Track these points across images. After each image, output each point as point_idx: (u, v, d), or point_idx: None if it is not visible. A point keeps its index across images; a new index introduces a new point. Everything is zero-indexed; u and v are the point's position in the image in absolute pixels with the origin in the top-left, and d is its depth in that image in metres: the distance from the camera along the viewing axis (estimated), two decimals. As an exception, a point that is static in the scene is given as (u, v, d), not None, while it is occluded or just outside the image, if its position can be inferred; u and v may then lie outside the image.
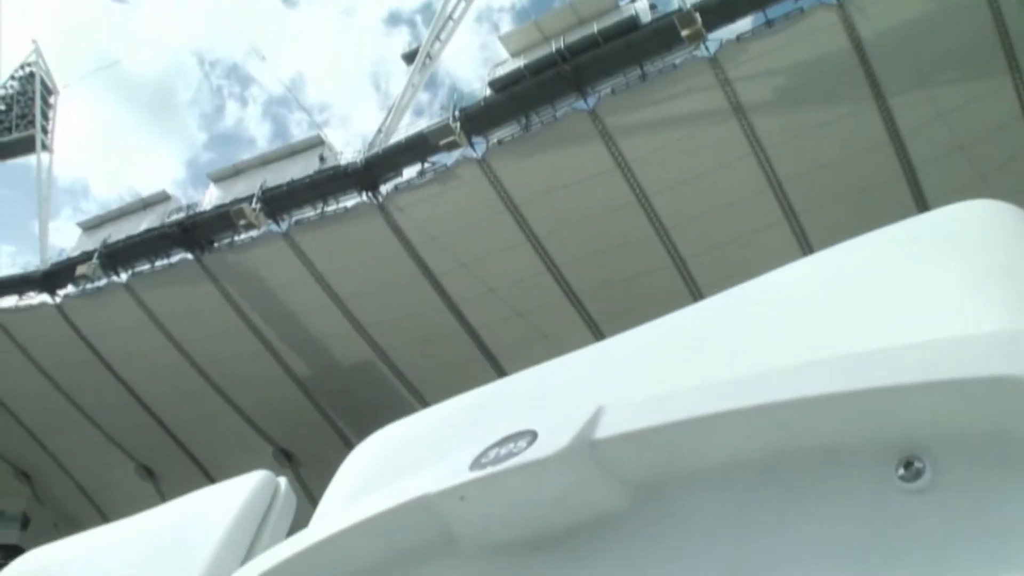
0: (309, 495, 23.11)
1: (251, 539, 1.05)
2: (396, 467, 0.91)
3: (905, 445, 0.55)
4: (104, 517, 25.96)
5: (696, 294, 17.81)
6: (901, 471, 0.55)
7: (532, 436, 0.58)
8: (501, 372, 20.16)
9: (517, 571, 0.64)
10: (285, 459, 23.01)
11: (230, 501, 1.11)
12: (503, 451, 0.59)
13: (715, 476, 0.59)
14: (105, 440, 24.09)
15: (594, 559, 0.62)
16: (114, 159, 67.81)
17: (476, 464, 0.59)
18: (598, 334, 19.04)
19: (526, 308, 19.38)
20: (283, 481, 1.14)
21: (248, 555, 1.02)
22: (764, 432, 0.55)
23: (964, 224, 0.80)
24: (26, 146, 24.20)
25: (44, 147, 24.09)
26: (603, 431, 0.58)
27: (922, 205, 15.64)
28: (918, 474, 0.55)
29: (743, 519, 0.58)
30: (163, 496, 24.59)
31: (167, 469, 24.25)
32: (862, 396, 0.53)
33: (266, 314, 20.88)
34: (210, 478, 23.91)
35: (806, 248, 16.80)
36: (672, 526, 0.61)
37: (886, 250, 0.85)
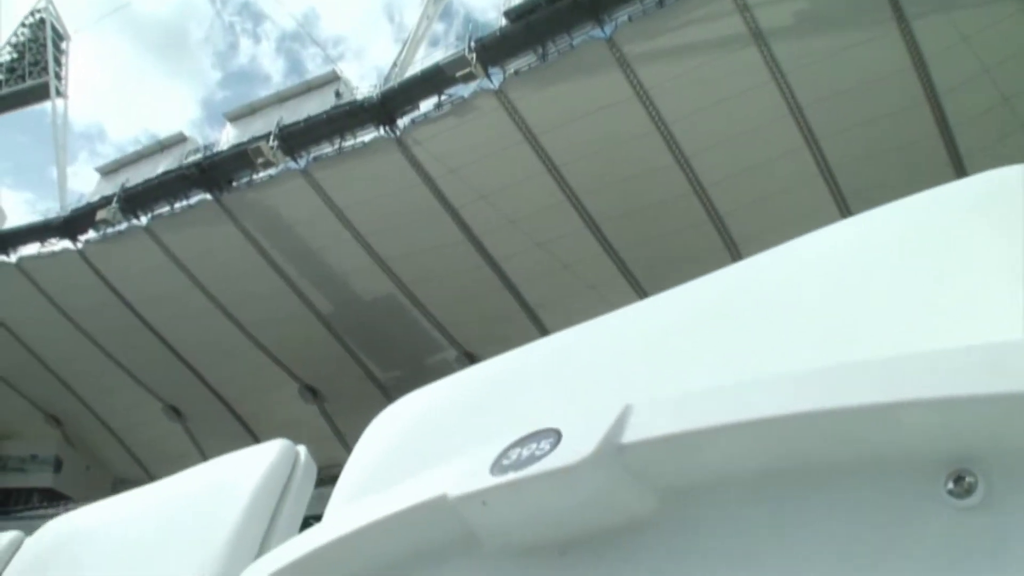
0: (335, 429, 24.18)
1: (273, 508, 1.04)
2: (417, 442, 0.90)
3: (956, 457, 0.52)
4: (134, 457, 27.09)
5: (717, 221, 18.42)
6: (950, 485, 0.52)
7: (555, 437, 0.57)
8: (522, 302, 20.92)
9: (542, 573, 0.63)
10: (310, 395, 23.91)
11: (252, 470, 1.10)
12: (525, 452, 0.57)
13: (751, 483, 0.57)
14: (132, 382, 25.00)
15: (622, 564, 0.62)
16: (129, 102, 67.72)
17: (497, 466, 0.58)
18: (619, 263, 19.73)
19: (546, 238, 19.98)
20: (303, 449, 1.14)
21: (271, 525, 1.03)
22: (805, 440, 0.54)
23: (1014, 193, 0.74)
24: (40, 93, 24.58)
25: (58, 93, 24.46)
26: (631, 434, 0.56)
27: (945, 130, 16.13)
28: (969, 489, 0.52)
29: (779, 529, 0.57)
30: (191, 435, 25.65)
31: (194, 409, 25.21)
32: (914, 407, 0.50)
33: (287, 251, 21.52)
34: (236, 416, 24.93)
35: (827, 175, 17.35)
36: (704, 533, 0.59)
37: (933, 219, 0.78)
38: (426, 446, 0.87)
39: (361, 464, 0.96)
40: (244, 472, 1.11)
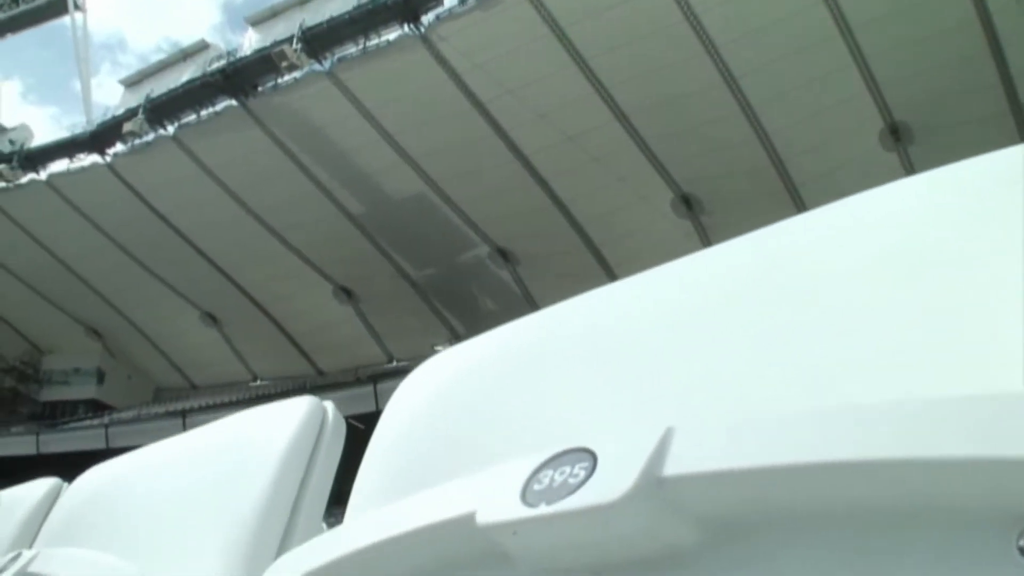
0: (371, 329, 25.43)
1: (304, 470, 1.03)
2: (447, 414, 0.87)
3: None
4: (173, 365, 28.45)
5: (748, 112, 18.88)
6: (1021, 542, 0.48)
7: (590, 462, 0.53)
8: (553, 197, 21.67)
9: None
10: (345, 296, 24.99)
11: (280, 429, 1.07)
12: (558, 477, 0.54)
13: (806, 522, 0.53)
14: (168, 291, 26.08)
15: None
16: (148, 11, 66.35)
17: (528, 491, 0.55)
18: (650, 156, 20.32)
19: (575, 132, 20.52)
20: (330, 406, 1.13)
21: (302, 488, 1.01)
22: (871, 486, 0.50)
23: None
24: (59, 7, 24.80)
25: (76, 7, 24.66)
26: (673, 466, 0.52)
27: (996, 49, 16.46)
28: None
29: (832, 574, 0.53)
30: (228, 340, 26.90)
31: (230, 315, 26.35)
32: (995, 463, 0.46)
33: (315, 154, 22.17)
34: (272, 320, 26.11)
35: (861, 63, 17.66)
36: (751, 571, 0.56)
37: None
38: (456, 420, 0.83)
39: (391, 433, 0.92)
40: (273, 431, 1.08)
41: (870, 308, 0.64)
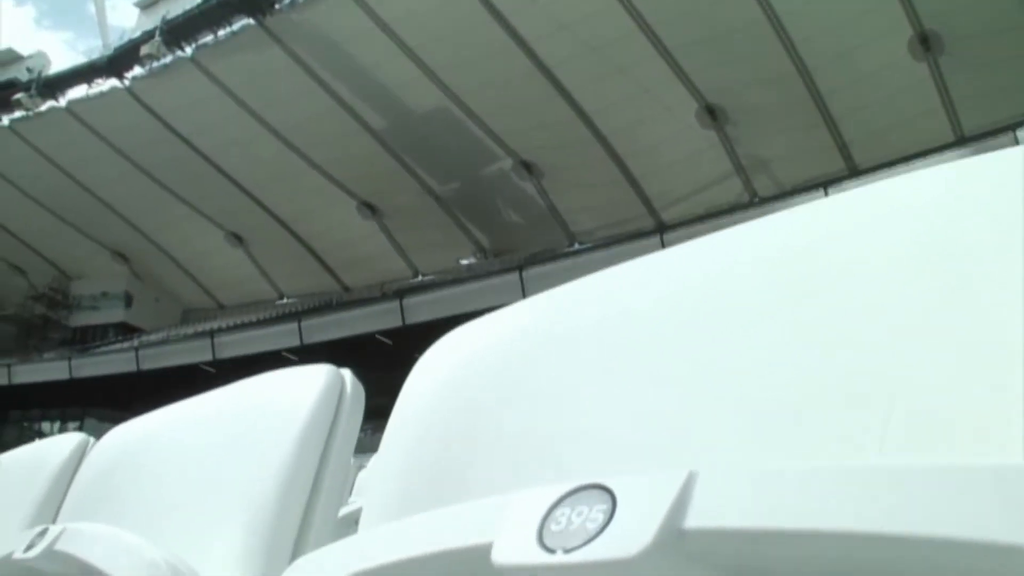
0: (396, 244, 26.11)
1: (324, 441, 0.99)
2: (467, 387, 0.82)
3: None
4: (200, 286, 29.23)
5: (774, 20, 18.93)
6: None
7: (609, 504, 0.51)
8: (577, 108, 21.96)
9: None
10: (369, 212, 25.54)
11: (300, 398, 1.03)
12: (575, 518, 0.52)
13: None
14: (193, 213, 26.64)
15: None
16: None
17: (546, 532, 0.53)
18: (674, 66, 20.48)
19: (600, 43, 20.58)
20: (347, 374, 1.07)
21: (323, 459, 0.99)
22: (916, 563, 0.44)
23: None
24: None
25: (87, -76, 24.46)
26: (695, 518, 0.49)
27: None
28: None
29: None
30: (254, 260, 27.62)
31: (255, 234, 26.94)
32: None
33: (335, 70, 22.36)
34: (297, 237, 26.76)
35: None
36: None
37: None
38: (472, 407, 0.79)
39: (413, 402, 0.89)
40: (292, 399, 1.06)
41: (919, 322, 0.56)
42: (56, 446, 1.50)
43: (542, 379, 0.75)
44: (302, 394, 1.04)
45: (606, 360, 0.70)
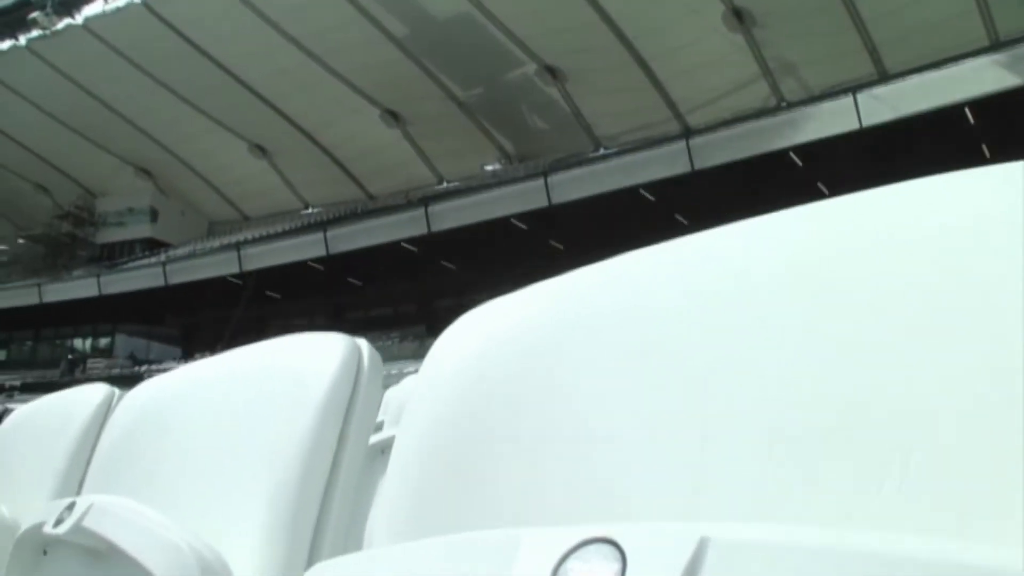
0: (420, 151, 26.47)
1: (344, 413, 0.99)
2: (483, 380, 0.80)
3: None
4: (225, 198, 29.74)
5: None
6: None
7: (619, 564, 0.50)
8: (602, 13, 21.69)
9: None
10: (392, 119, 25.78)
11: (319, 370, 1.01)
12: (585, 572, 0.51)
13: None
14: (215, 125, 26.86)
15: None
16: None
17: None
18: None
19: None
20: (364, 345, 1.03)
21: (344, 428, 0.99)
22: None
23: None
24: None
25: None
26: None
27: None
28: None
29: None
30: (278, 170, 28.04)
31: (279, 144, 27.21)
32: None
33: (355, -22, 22.31)
34: (320, 147, 27.11)
35: None
36: None
37: None
38: (489, 403, 0.78)
39: (432, 384, 0.86)
40: (314, 369, 1.01)
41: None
42: (83, 398, 1.50)
43: (563, 372, 0.73)
44: (322, 365, 1.02)
45: (622, 359, 0.69)
